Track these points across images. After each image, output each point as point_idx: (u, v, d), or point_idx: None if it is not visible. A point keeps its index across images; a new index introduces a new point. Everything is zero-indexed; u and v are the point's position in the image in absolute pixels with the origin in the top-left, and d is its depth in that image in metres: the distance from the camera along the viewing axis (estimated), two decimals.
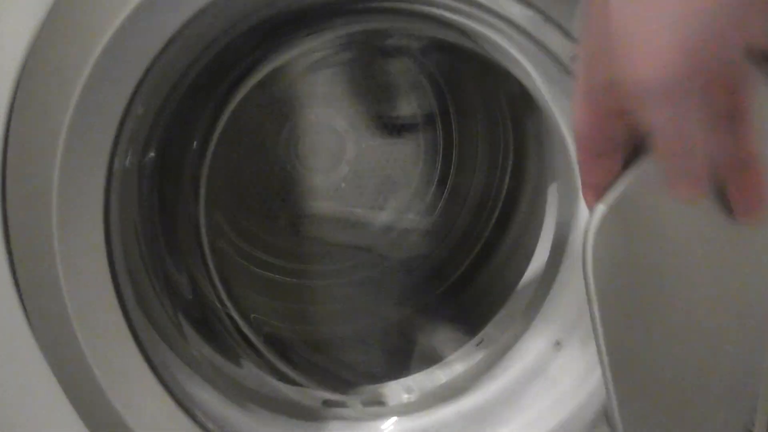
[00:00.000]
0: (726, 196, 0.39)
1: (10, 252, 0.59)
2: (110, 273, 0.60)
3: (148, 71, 0.57)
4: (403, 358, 1.08)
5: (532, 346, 0.77)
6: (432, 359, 0.90)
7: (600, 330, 0.41)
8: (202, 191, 1.27)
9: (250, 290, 1.31)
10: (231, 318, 1.24)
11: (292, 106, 1.30)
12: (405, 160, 1.38)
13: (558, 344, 0.78)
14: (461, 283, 1.33)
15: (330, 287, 1.37)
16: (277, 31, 0.95)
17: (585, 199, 0.41)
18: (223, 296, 1.23)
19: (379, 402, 0.81)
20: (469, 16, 0.67)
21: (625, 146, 0.39)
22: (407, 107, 1.35)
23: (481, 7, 0.66)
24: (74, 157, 0.57)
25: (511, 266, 1.25)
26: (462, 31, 0.71)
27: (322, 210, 1.36)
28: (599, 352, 0.42)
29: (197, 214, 1.27)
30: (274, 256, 1.35)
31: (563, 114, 0.69)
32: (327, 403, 0.83)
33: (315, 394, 0.84)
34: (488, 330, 0.86)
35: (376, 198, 1.38)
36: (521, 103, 0.95)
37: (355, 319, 1.30)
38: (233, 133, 1.29)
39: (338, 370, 1.05)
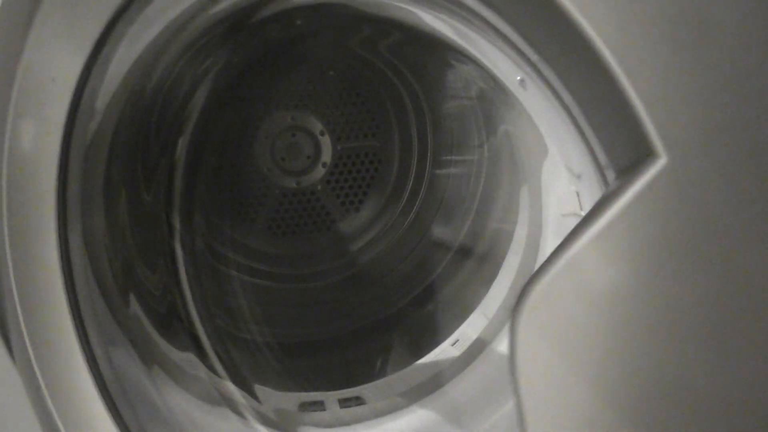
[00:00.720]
0: None
1: None
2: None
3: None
4: (379, 360, 1.09)
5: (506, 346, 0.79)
6: (408, 360, 0.91)
7: None
8: (177, 191, 1.28)
9: (222, 292, 1.31)
10: (192, 321, 1.24)
11: (267, 108, 1.31)
12: (381, 162, 1.39)
13: None
14: (436, 284, 1.35)
15: (306, 290, 1.38)
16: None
17: None
18: (188, 297, 1.23)
19: (356, 402, 0.82)
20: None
21: None
22: (382, 108, 1.37)
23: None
24: None
25: (484, 269, 1.27)
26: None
27: (298, 212, 1.37)
28: None
29: (171, 215, 1.27)
30: (251, 258, 1.36)
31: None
32: (303, 407, 0.84)
33: (291, 397, 0.84)
34: (463, 329, 0.87)
35: (352, 201, 1.39)
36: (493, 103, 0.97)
37: (330, 321, 1.31)
38: (207, 133, 1.29)
39: (315, 373, 1.06)
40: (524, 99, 0.72)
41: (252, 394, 0.82)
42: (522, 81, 0.72)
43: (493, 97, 0.80)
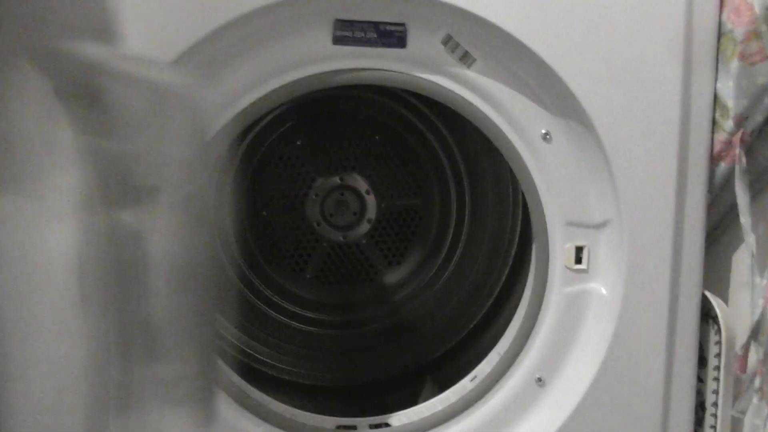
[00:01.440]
0: None
1: None
2: None
3: None
4: (411, 398, 1.19)
5: (515, 381, 0.89)
6: (433, 393, 1.01)
7: None
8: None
9: (271, 336, 1.41)
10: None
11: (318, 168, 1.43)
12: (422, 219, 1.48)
13: (540, 381, 0.89)
14: (473, 333, 1.42)
15: (348, 337, 1.46)
16: None
17: None
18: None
19: (384, 425, 0.93)
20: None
21: None
22: (423, 170, 1.47)
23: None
24: None
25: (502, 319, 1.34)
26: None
27: (344, 264, 1.47)
28: None
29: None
30: (298, 305, 1.46)
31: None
32: (340, 428, 0.95)
33: (328, 420, 0.95)
34: (482, 367, 0.97)
35: (395, 254, 1.48)
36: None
37: (369, 367, 1.40)
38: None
39: (351, 404, 1.15)
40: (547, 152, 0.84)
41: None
42: (546, 134, 0.84)
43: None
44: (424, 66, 0.83)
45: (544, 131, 0.84)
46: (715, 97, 0.86)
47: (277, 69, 0.81)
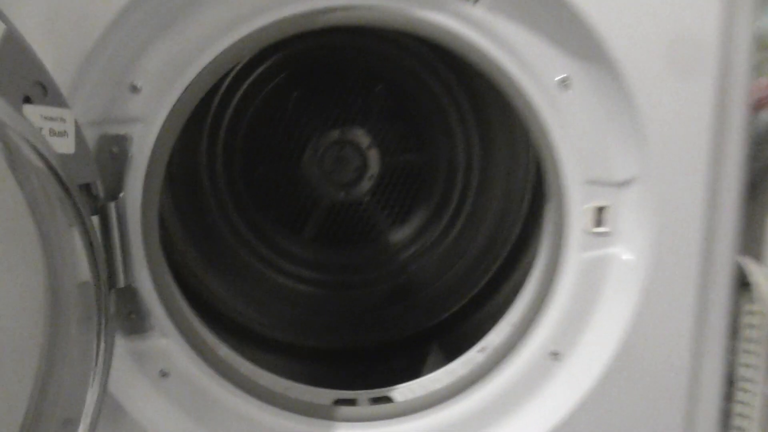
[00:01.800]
0: None
1: None
2: None
3: None
4: (415, 366, 1.12)
5: (527, 354, 0.81)
6: (438, 364, 0.93)
7: None
8: (228, 204, 1.34)
9: (270, 298, 1.36)
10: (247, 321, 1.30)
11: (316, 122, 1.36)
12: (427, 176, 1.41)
13: (555, 355, 0.81)
14: (479, 297, 1.36)
15: (349, 299, 1.41)
16: None
17: None
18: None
19: (386, 400, 0.86)
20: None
21: None
22: (429, 123, 1.39)
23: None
24: None
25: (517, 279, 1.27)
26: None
27: (345, 223, 1.40)
28: None
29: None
30: (297, 266, 1.40)
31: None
32: (338, 402, 0.87)
33: (327, 394, 0.88)
34: (491, 337, 0.89)
35: (398, 213, 1.41)
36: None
37: (371, 330, 1.34)
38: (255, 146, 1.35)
39: (350, 374, 1.09)
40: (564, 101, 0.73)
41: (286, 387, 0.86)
42: (564, 80, 0.74)
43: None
44: (423, 3, 0.73)
45: (561, 77, 0.74)
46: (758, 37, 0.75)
47: (258, 7, 0.71)
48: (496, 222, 1.37)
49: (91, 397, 0.57)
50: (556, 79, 0.73)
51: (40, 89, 0.50)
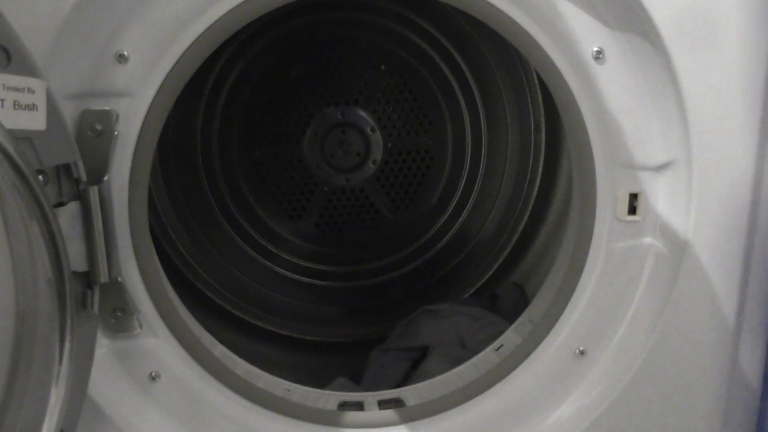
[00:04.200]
0: None
1: None
2: None
3: None
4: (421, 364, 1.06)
5: (552, 353, 0.74)
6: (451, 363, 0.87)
7: None
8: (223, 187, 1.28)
9: (268, 289, 1.30)
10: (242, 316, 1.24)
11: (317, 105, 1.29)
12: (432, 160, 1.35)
13: (582, 353, 0.74)
14: (484, 289, 1.31)
15: (351, 290, 1.35)
16: None
17: None
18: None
19: (396, 403, 0.79)
20: None
21: None
22: (434, 105, 1.33)
23: None
24: None
25: (532, 274, 1.22)
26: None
27: (347, 209, 1.35)
28: None
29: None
30: (297, 255, 1.34)
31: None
32: (344, 405, 0.81)
33: (332, 397, 0.81)
34: (509, 335, 0.82)
35: (402, 199, 1.36)
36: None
37: (376, 321, 1.29)
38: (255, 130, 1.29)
39: (357, 373, 1.03)
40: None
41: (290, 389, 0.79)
42: (599, 52, 0.66)
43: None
44: None
45: (596, 48, 0.66)
46: None
47: None
48: (504, 207, 1.33)
49: (56, 397, 0.50)
50: (592, 50, 0.66)
51: (3, 54, 0.42)
